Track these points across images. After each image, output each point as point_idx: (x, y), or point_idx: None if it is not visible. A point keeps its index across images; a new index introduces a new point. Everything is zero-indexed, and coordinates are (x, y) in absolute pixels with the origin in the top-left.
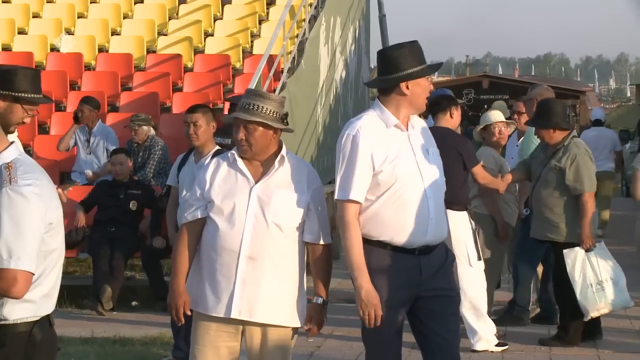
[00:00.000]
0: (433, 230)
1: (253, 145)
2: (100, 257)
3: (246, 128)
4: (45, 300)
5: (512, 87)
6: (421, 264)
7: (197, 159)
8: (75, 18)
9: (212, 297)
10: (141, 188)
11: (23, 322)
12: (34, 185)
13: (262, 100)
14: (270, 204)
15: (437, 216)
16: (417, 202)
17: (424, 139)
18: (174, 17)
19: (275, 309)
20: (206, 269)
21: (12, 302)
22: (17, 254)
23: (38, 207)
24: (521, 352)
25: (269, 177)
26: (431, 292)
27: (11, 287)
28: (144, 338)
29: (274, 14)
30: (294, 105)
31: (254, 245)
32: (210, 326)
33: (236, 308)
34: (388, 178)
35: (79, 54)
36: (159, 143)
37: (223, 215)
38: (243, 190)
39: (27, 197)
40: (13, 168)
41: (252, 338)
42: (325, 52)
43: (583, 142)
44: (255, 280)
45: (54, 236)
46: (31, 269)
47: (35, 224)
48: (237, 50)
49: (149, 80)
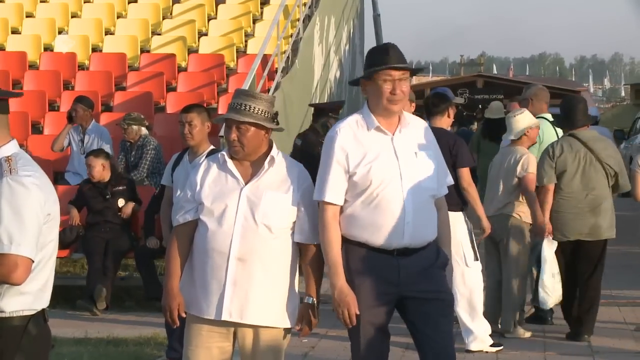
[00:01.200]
0: (410, 233)
1: (245, 146)
2: (94, 257)
3: (238, 129)
4: (40, 294)
5: (507, 87)
6: (400, 265)
7: (191, 159)
8: (69, 18)
9: (203, 299)
10: (124, 183)
11: (18, 315)
12: (33, 176)
13: (253, 100)
14: (260, 205)
15: (416, 219)
16: (393, 205)
17: (416, 141)
18: (168, 17)
19: (266, 310)
20: (197, 271)
21: (9, 294)
22: (17, 240)
23: (38, 196)
24: (516, 352)
25: (259, 178)
26: (418, 294)
27: (11, 273)
28: (138, 338)
29: (268, 13)
30: (288, 105)
31: (244, 246)
32: (202, 327)
33: (227, 310)
34: (363, 180)
35: (72, 53)
36: (152, 142)
37: (213, 217)
38: (233, 192)
39: (27, 186)
40: (13, 160)
41: (244, 339)
42: (320, 52)
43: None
44: (245, 281)
45: (51, 228)
46: (31, 255)
47: (35, 212)
48: (231, 50)
49: (143, 80)
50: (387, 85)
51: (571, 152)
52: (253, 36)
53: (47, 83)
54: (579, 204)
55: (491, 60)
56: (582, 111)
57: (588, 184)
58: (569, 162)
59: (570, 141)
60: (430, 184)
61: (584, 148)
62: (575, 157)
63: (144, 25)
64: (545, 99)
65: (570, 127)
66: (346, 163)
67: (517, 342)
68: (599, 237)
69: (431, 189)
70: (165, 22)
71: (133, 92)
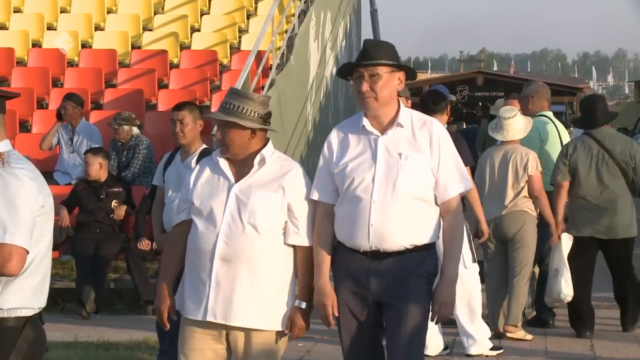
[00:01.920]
0: (374, 236)
1: (229, 146)
2: (83, 259)
3: (223, 128)
4: (38, 291)
5: (508, 84)
6: (370, 268)
7: (183, 158)
8: (58, 13)
9: (192, 300)
10: (121, 185)
11: (15, 316)
12: (26, 170)
13: (242, 100)
14: (248, 204)
15: (384, 222)
16: (361, 206)
17: (408, 142)
18: (160, 12)
19: (252, 312)
20: (188, 271)
21: (7, 290)
22: (11, 229)
23: (31, 187)
24: (517, 356)
25: (249, 177)
26: (387, 299)
27: (6, 263)
28: (128, 342)
29: (262, 8)
30: (283, 102)
31: (229, 246)
32: (195, 330)
33: (211, 311)
34: (341, 180)
35: (61, 49)
36: (144, 142)
37: (202, 217)
38: (223, 191)
39: (20, 178)
40: (5, 155)
41: (235, 342)
42: (315, 48)
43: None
44: (229, 282)
45: (46, 222)
46: (26, 245)
47: (28, 203)
48: (224, 46)
49: (134, 76)
50: (357, 83)
51: (584, 151)
52: (247, 32)
53: (35, 80)
54: (594, 201)
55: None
56: (602, 110)
57: (602, 181)
58: (581, 160)
59: (584, 140)
60: (411, 187)
61: (597, 146)
62: (588, 155)
63: (135, 21)
64: (546, 96)
65: (590, 127)
66: (331, 163)
67: (517, 345)
68: (616, 236)
69: (413, 192)
70: (156, 18)
71: (124, 90)
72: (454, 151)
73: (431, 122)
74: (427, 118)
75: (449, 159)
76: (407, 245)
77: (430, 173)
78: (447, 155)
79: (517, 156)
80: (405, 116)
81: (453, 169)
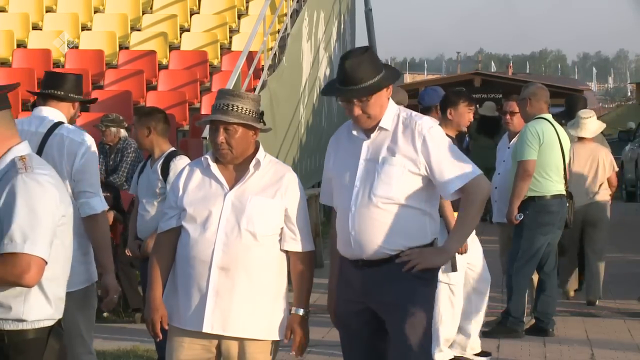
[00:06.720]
0: (355, 245)
1: (234, 148)
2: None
3: (226, 130)
4: (59, 302)
5: (506, 86)
6: (363, 275)
7: (152, 164)
8: (44, 12)
9: (185, 310)
10: (109, 190)
11: (39, 327)
12: (49, 176)
13: (240, 100)
14: (245, 211)
15: (361, 229)
16: (343, 212)
17: (392, 145)
18: (148, 12)
19: (250, 321)
20: (180, 280)
21: (32, 300)
22: (32, 238)
23: (53, 195)
24: None
25: (244, 183)
26: (380, 305)
27: (24, 274)
28: (116, 351)
29: (253, 8)
30: (275, 104)
31: (227, 255)
32: (184, 340)
33: (208, 322)
34: (334, 186)
35: (46, 50)
36: (132, 145)
37: (196, 224)
38: (217, 197)
39: (43, 184)
40: (27, 159)
41: (228, 351)
42: (308, 49)
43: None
44: (228, 292)
45: (66, 232)
46: (45, 255)
47: (50, 211)
48: (214, 47)
49: (122, 78)
50: (348, 106)
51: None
52: (238, 32)
53: (20, 81)
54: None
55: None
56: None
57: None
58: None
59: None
60: (387, 192)
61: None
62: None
63: (123, 20)
64: (544, 98)
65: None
66: (328, 168)
67: (515, 354)
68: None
69: (389, 197)
70: (145, 17)
71: (111, 91)
72: (446, 145)
73: (416, 121)
74: (415, 117)
75: (441, 154)
76: (389, 252)
77: (412, 175)
78: (437, 151)
79: (599, 155)
80: (389, 119)
81: (448, 164)
